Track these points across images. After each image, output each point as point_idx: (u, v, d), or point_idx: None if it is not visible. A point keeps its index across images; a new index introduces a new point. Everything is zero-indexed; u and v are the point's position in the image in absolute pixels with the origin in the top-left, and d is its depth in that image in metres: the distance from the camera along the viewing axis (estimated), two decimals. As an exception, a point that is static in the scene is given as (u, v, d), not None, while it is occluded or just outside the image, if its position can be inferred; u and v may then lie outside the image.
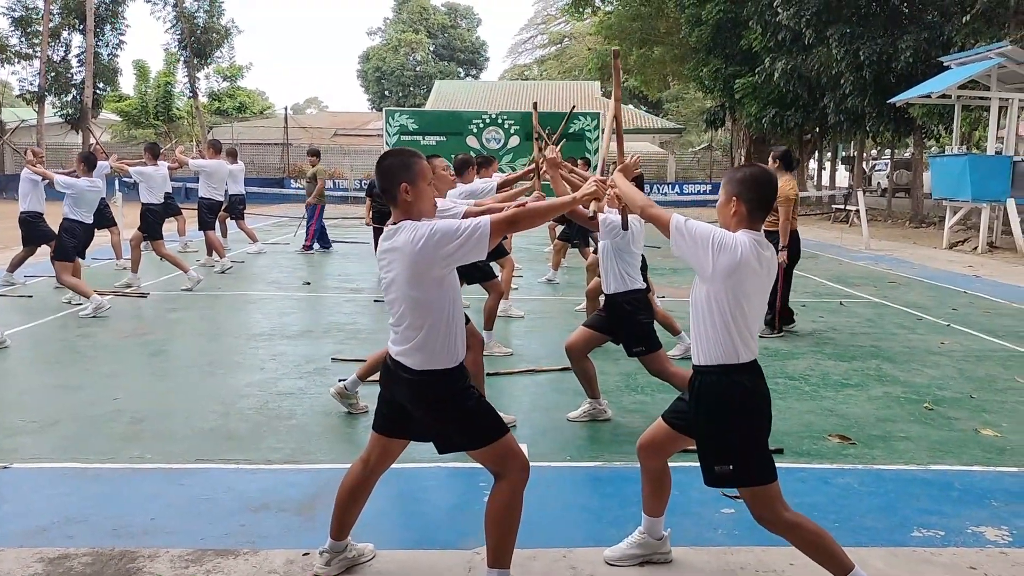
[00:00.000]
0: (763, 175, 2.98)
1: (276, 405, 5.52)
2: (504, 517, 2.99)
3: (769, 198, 2.97)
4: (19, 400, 5.70)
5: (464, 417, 3.00)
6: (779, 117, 26.74)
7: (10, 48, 38.71)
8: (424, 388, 3.00)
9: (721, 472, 2.92)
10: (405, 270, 2.92)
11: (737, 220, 2.96)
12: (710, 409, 2.94)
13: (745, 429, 2.91)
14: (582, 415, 5.22)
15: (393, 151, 3.10)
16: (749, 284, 2.87)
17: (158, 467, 4.38)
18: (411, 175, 2.99)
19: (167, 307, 9.26)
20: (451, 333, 3.01)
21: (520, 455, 3.04)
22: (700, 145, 47.09)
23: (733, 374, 2.91)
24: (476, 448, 3.00)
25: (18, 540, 3.47)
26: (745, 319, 2.89)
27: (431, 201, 3.07)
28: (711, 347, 2.93)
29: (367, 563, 3.33)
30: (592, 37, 45.89)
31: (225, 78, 47.91)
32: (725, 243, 2.86)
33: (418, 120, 30.17)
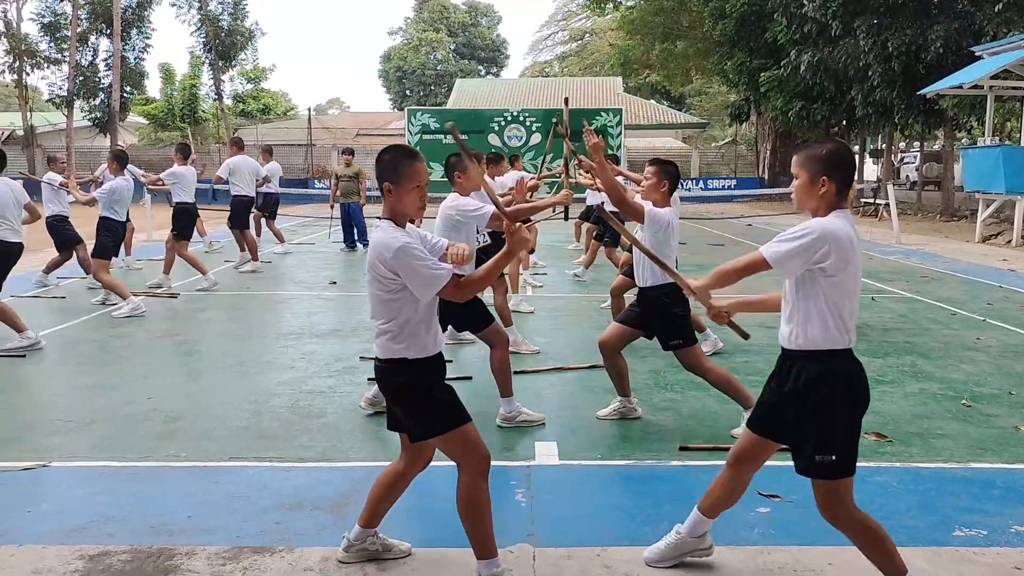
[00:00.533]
0: (847, 150, 2.91)
1: (307, 403, 5.56)
2: (469, 507, 3.02)
3: (853, 175, 2.92)
4: (56, 400, 5.78)
5: (420, 406, 3.05)
6: (805, 110, 26.47)
7: (39, 53, 39.27)
8: (385, 376, 3.08)
9: (822, 462, 2.82)
10: (368, 270, 3.02)
11: (827, 202, 2.85)
12: (817, 396, 2.84)
13: (851, 418, 2.85)
14: (612, 413, 5.20)
15: (394, 147, 3.13)
16: (852, 267, 2.80)
17: (193, 465, 4.43)
18: (395, 176, 3.03)
19: (197, 307, 9.35)
20: (418, 325, 3.03)
21: (478, 446, 3.06)
22: (724, 140, 46.76)
23: (839, 359, 2.84)
24: (432, 437, 3.06)
25: (59, 538, 3.52)
26: (849, 301, 2.83)
27: (413, 207, 3.06)
28: (816, 331, 2.83)
29: (399, 560, 3.34)
30: (614, 32, 45.74)
31: (249, 80, 48.31)
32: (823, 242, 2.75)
33: (439, 119, 30.30)
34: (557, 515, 3.78)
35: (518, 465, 4.39)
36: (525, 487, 4.09)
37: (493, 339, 5.10)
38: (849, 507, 2.89)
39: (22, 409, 5.61)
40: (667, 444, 4.70)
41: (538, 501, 3.92)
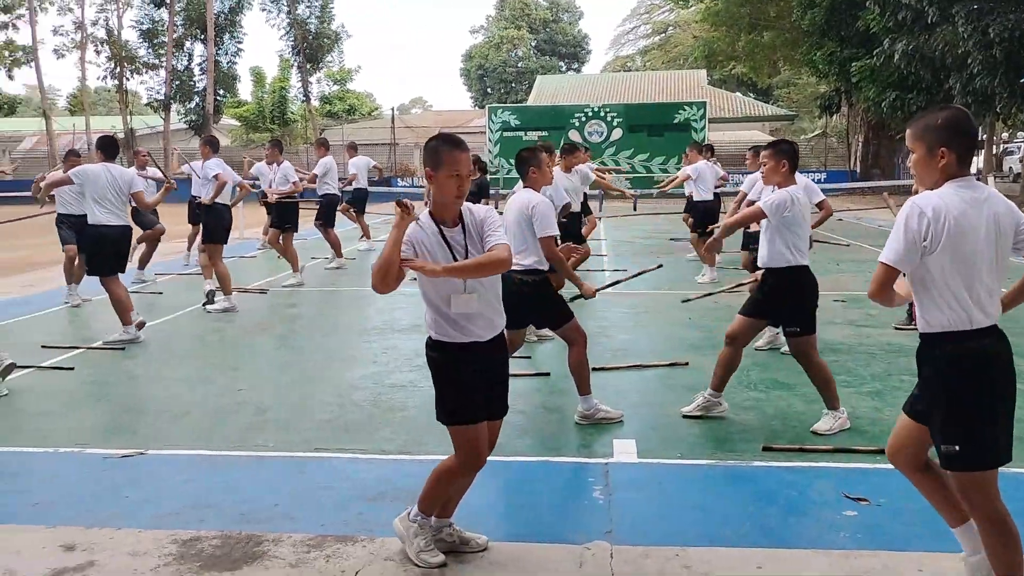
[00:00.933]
0: (967, 116, 2.73)
1: (388, 397, 5.67)
2: (441, 477, 3.27)
3: (975, 144, 2.75)
4: (153, 391, 6.06)
5: (436, 388, 3.25)
6: (900, 101, 25.47)
7: (138, 59, 41.06)
8: (426, 352, 3.29)
9: (947, 452, 2.66)
10: None
11: (946, 173, 2.68)
12: (936, 381, 2.71)
13: (980, 405, 2.65)
14: (696, 408, 5.11)
15: (440, 135, 3.25)
16: (968, 243, 2.61)
17: (281, 455, 4.57)
18: (437, 162, 3.11)
19: (286, 303, 9.64)
20: (439, 311, 3.19)
21: (475, 451, 3.19)
22: (813, 132, 45.49)
23: (965, 340, 2.64)
24: (441, 421, 3.26)
25: (154, 523, 3.68)
26: (977, 278, 2.63)
27: (449, 193, 3.11)
28: (932, 314, 2.69)
29: (477, 553, 3.37)
30: (698, 25, 44.97)
31: (335, 82, 49.38)
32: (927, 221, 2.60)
33: (520, 116, 30.40)
34: (635, 513, 3.76)
35: (596, 463, 4.38)
36: (603, 485, 4.08)
37: (572, 336, 5.08)
38: (990, 499, 2.68)
39: (122, 400, 5.90)
40: (750, 444, 4.62)
41: (616, 499, 3.91)
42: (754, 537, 3.46)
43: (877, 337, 7.19)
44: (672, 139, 26.83)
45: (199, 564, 3.30)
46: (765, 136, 40.15)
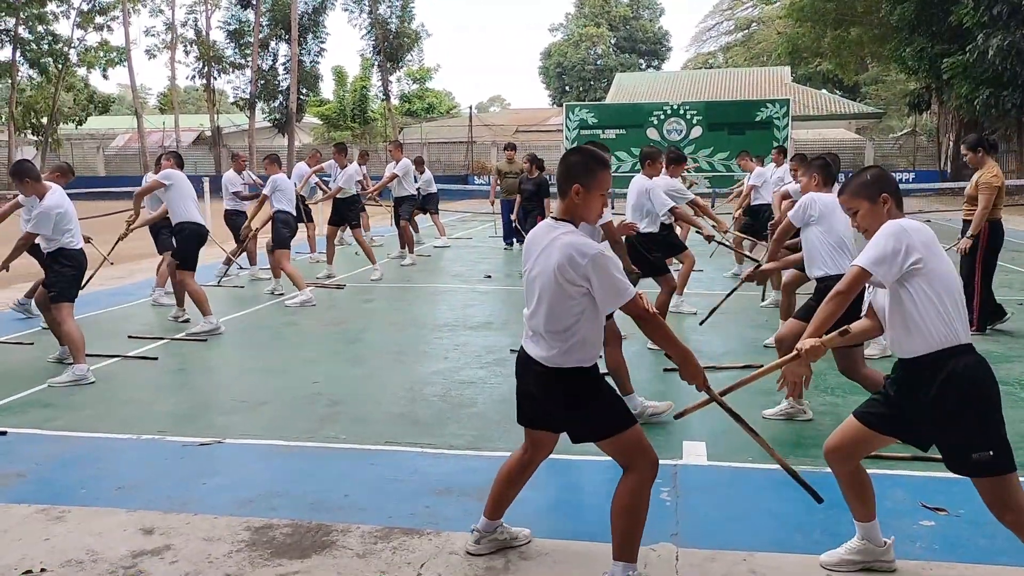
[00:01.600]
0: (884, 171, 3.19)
1: (458, 393, 5.71)
2: (629, 510, 2.96)
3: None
4: (231, 382, 6.25)
5: (590, 411, 3.01)
6: (994, 98, 24.41)
7: (225, 59, 42.39)
8: (555, 382, 3.00)
9: (980, 460, 2.78)
10: (552, 272, 2.92)
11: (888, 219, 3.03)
12: (966, 393, 2.81)
13: (998, 411, 2.85)
14: (779, 413, 5.02)
15: (585, 149, 3.11)
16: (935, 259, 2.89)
17: (351, 447, 4.66)
18: (589, 178, 2.98)
19: (361, 298, 9.81)
20: (588, 334, 2.98)
21: (649, 450, 3.02)
22: (902, 130, 44.00)
23: (970, 353, 2.86)
24: (602, 439, 3.02)
25: (229, 509, 3.80)
26: (953, 296, 2.91)
27: (597, 211, 3.04)
28: (944, 329, 2.87)
29: (522, 546, 3.38)
30: (782, 20, 43.98)
31: (415, 80, 50.11)
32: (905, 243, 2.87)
33: (598, 114, 30.22)
34: (703, 516, 3.70)
35: (664, 464, 4.27)
36: (671, 486, 4.03)
37: (607, 336, 5.04)
38: (1021, 504, 2.80)
39: (202, 389, 6.10)
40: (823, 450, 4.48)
41: (684, 501, 3.86)
42: (825, 545, 3.36)
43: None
44: (754, 137, 26.24)
45: (270, 551, 3.39)
46: (851, 134, 39.04)
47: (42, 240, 6.23)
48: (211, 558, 3.34)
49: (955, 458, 2.86)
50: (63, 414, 5.34)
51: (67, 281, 6.20)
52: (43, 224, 6.09)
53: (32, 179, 6.17)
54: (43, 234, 6.16)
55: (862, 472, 3.16)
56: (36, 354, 7.00)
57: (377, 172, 18.31)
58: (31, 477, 4.27)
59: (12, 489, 4.10)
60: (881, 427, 3.05)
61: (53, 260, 6.21)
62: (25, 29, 39.93)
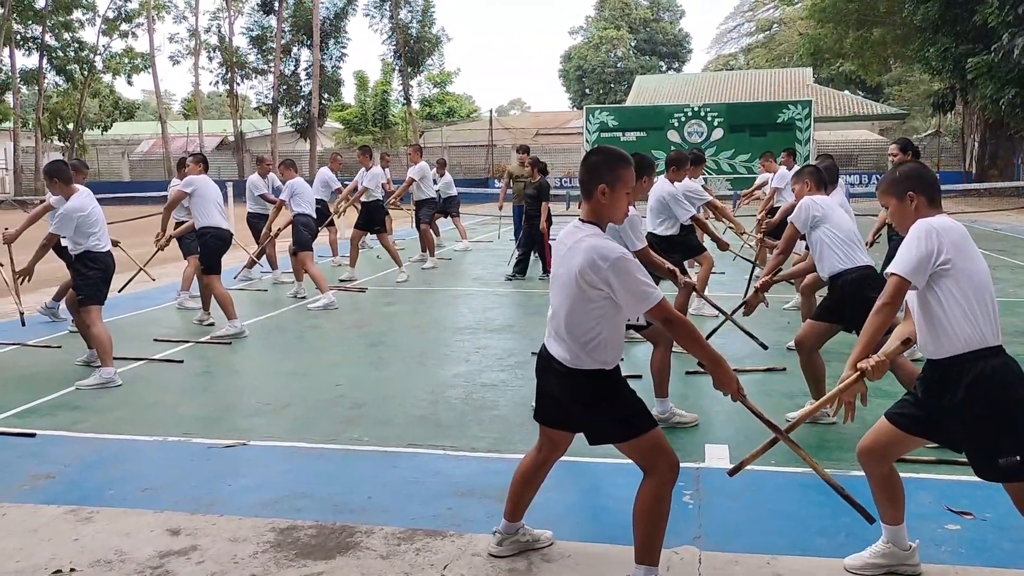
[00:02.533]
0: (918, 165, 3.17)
1: (480, 396, 5.73)
2: (650, 513, 2.95)
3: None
4: (256, 384, 6.31)
5: (612, 412, 3.01)
6: (1020, 98, 24.15)
7: (248, 65, 42.79)
8: (580, 384, 3.01)
9: (1007, 465, 2.75)
10: (574, 274, 2.92)
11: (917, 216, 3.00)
12: (993, 397, 2.78)
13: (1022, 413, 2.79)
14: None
15: (606, 149, 3.11)
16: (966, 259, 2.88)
17: (374, 449, 4.69)
18: (614, 178, 2.99)
19: (383, 301, 9.87)
20: (610, 336, 2.98)
21: (669, 452, 3.00)
22: (926, 131, 43.58)
23: (999, 356, 2.83)
24: (623, 441, 3.00)
25: (254, 510, 3.84)
26: (983, 297, 2.88)
27: (623, 210, 3.05)
28: (956, 334, 2.84)
29: (544, 548, 3.39)
30: (804, 21, 43.71)
31: (435, 84, 50.24)
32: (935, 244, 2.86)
33: (618, 116, 30.17)
34: (726, 520, 3.70)
35: (687, 467, 4.30)
36: (694, 489, 4.02)
37: (656, 338, 5.05)
38: None
39: (227, 392, 6.16)
40: (848, 453, 4.45)
41: (707, 505, 3.85)
42: (850, 548, 3.34)
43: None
44: (775, 139, 26.07)
45: (295, 552, 3.42)
46: (874, 136, 38.71)
47: (69, 243, 6.32)
48: (237, 559, 3.37)
49: (982, 463, 2.83)
50: (91, 416, 5.41)
51: (93, 284, 6.27)
52: (64, 226, 6.17)
53: (61, 180, 6.26)
54: (67, 236, 6.25)
55: (894, 474, 3.14)
56: (64, 357, 7.10)
57: (398, 175, 18.38)
58: (60, 478, 4.34)
59: (42, 490, 4.16)
60: (912, 428, 3.02)
61: (79, 263, 6.28)
62: (52, 36, 40.53)
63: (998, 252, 12.80)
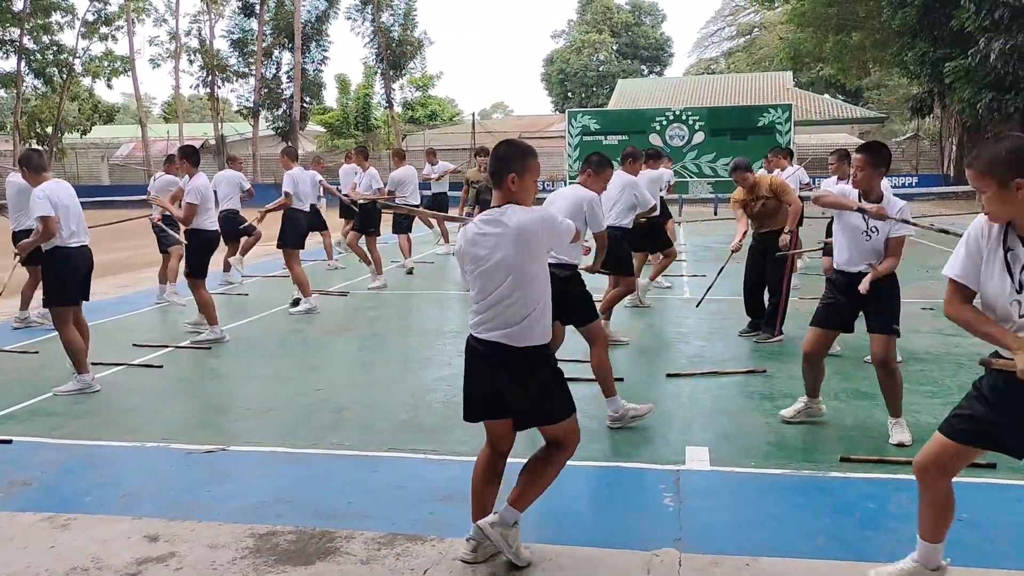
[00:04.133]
0: None
1: (461, 400, 5.70)
2: (549, 479, 3.30)
3: None
4: (237, 389, 6.27)
5: (558, 389, 3.26)
6: (996, 102, 24.40)
7: (229, 68, 42.55)
8: (538, 360, 3.23)
9: None
10: (523, 243, 3.15)
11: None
12: None
13: None
14: (796, 415, 5.03)
15: (511, 142, 3.37)
16: None
17: (356, 454, 4.67)
18: (523, 168, 3.26)
19: (366, 305, 9.83)
20: (545, 311, 3.25)
21: (578, 430, 3.33)
22: (905, 135, 43.97)
23: None
24: (563, 419, 3.24)
25: (234, 516, 3.81)
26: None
27: (531, 197, 3.31)
28: None
29: (548, 559, 3.38)
30: (784, 26, 44.01)
31: (418, 88, 50.14)
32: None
33: (600, 120, 30.22)
34: (705, 521, 3.71)
35: (667, 469, 4.33)
36: (674, 492, 4.03)
37: (592, 337, 5.08)
38: None
39: (206, 397, 6.12)
40: (827, 455, 4.50)
41: (687, 507, 3.87)
42: (829, 550, 3.37)
43: (966, 347, 6.90)
44: (756, 142, 26.19)
45: (274, 558, 3.40)
46: (854, 139, 38.98)
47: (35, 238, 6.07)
48: (215, 565, 3.35)
49: None
50: (69, 422, 5.36)
51: (60, 282, 6.05)
52: (41, 205, 5.86)
53: (29, 168, 6.17)
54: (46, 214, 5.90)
55: (952, 492, 2.93)
56: (41, 362, 7.03)
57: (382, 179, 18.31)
58: (37, 485, 4.29)
59: (18, 497, 4.12)
60: (978, 441, 2.81)
61: (47, 258, 6.07)
62: (30, 39, 40.12)
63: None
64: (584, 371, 6.16)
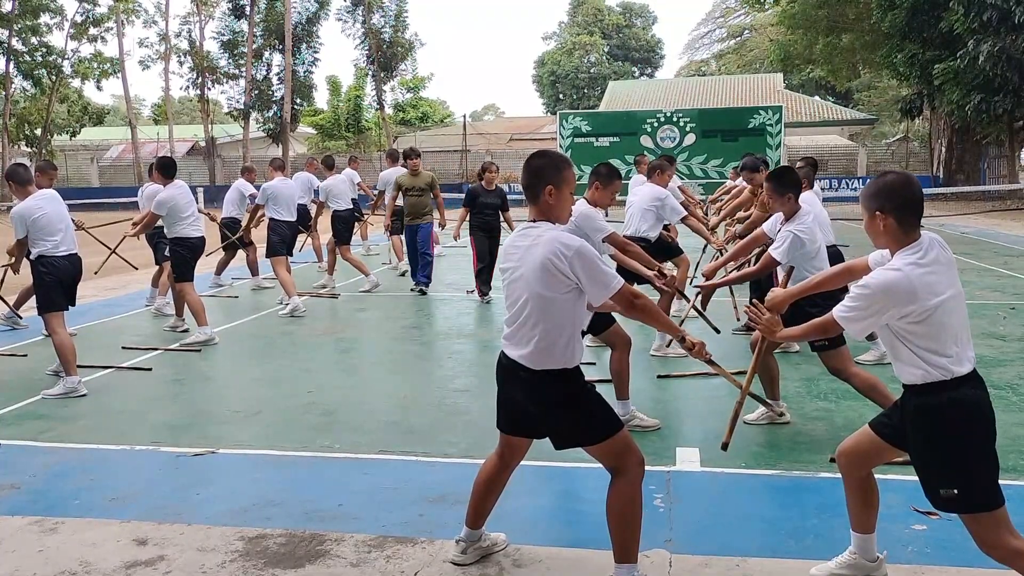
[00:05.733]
0: (906, 181, 2.80)
1: (453, 401, 5.72)
2: (626, 514, 2.99)
3: (912, 207, 2.76)
4: (226, 392, 6.25)
5: (581, 414, 3.02)
6: (985, 103, 24.57)
7: (219, 69, 42.42)
8: (545, 386, 3.02)
9: (946, 496, 2.69)
10: (537, 269, 2.94)
11: (891, 238, 2.77)
12: (927, 429, 2.73)
13: (965, 449, 2.68)
14: (760, 417, 5.04)
15: (548, 152, 3.19)
16: (933, 303, 2.67)
17: (346, 456, 4.66)
18: (559, 179, 3.06)
19: (356, 307, 9.82)
20: (573, 334, 3.02)
21: (637, 450, 3.05)
22: (895, 136, 44.18)
23: (947, 391, 2.69)
24: (593, 444, 3.02)
25: (223, 519, 3.80)
26: (943, 334, 2.69)
27: (568, 210, 3.16)
28: (913, 371, 2.74)
29: (514, 554, 3.40)
30: (774, 28, 44.18)
31: (409, 89, 50.10)
32: (893, 292, 2.67)
33: (591, 122, 30.27)
34: (696, 522, 3.71)
35: (658, 470, 4.33)
36: (664, 492, 4.04)
37: (613, 340, 5.07)
38: (1004, 539, 2.64)
39: (196, 400, 6.09)
40: (817, 455, 4.51)
41: (677, 507, 3.87)
42: (819, 550, 3.37)
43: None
44: (747, 144, 26.25)
45: (264, 561, 3.39)
46: (844, 140, 39.16)
47: (30, 245, 6.13)
48: (205, 568, 3.33)
49: (925, 490, 2.77)
50: (57, 425, 5.33)
51: (48, 289, 6.08)
52: (18, 227, 6.03)
53: (16, 182, 6.13)
54: (18, 237, 6.06)
55: (871, 481, 3.07)
56: (30, 365, 6.99)
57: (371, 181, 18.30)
58: (25, 488, 4.27)
59: (6, 501, 4.09)
60: (892, 438, 2.92)
61: (35, 266, 6.12)
62: (19, 41, 39.89)
63: (965, 255, 13.02)
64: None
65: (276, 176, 9.81)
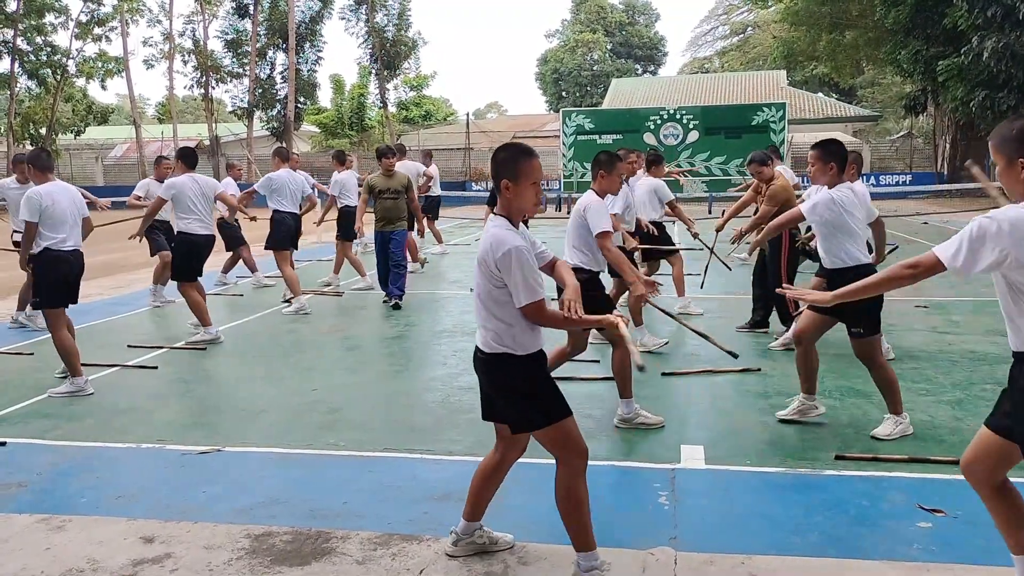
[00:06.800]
0: None
1: (457, 399, 5.72)
2: (568, 502, 3.08)
3: None
4: (231, 390, 6.27)
5: (527, 399, 3.10)
6: (989, 100, 24.48)
7: (223, 68, 42.46)
8: (490, 369, 3.14)
9: None
10: (478, 262, 3.09)
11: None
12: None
13: None
14: (792, 412, 5.03)
15: (510, 145, 3.20)
16: None
17: (351, 454, 4.67)
18: (514, 172, 3.08)
19: (360, 305, 9.83)
20: (524, 323, 3.07)
21: (579, 441, 3.12)
22: (899, 133, 44.06)
23: None
24: (538, 429, 3.09)
25: (229, 517, 3.81)
26: None
27: (531, 201, 3.13)
28: None
29: (504, 551, 3.41)
30: (777, 25, 44.10)
31: (412, 88, 50.10)
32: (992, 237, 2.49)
33: (594, 119, 30.29)
34: (701, 520, 3.72)
35: (663, 468, 4.34)
36: (669, 490, 4.04)
37: (616, 338, 5.07)
38: None
39: (201, 398, 6.11)
40: (822, 452, 4.51)
41: (682, 505, 3.87)
42: (823, 547, 3.38)
43: (960, 344, 6.93)
44: (751, 141, 26.27)
45: (270, 559, 3.40)
46: (848, 137, 39.06)
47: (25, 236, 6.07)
48: (211, 566, 3.35)
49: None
50: (63, 424, 5.35)
51: (48, 286, 6.03)
52: (30, 210, 5.93)
53: (36, 168, 6.12)
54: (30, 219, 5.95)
55: (1009, 490, 2.73)
56: (36, 364, 7.01)
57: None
58: (32, 487, 4.29)
59: (13, 499, 4.11)
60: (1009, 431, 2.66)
61: (37, 261, 6.05)
62: (24, 40, 39.97)
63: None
64: (578, 370, 6.19)
65: (282, 167, 9.63)
